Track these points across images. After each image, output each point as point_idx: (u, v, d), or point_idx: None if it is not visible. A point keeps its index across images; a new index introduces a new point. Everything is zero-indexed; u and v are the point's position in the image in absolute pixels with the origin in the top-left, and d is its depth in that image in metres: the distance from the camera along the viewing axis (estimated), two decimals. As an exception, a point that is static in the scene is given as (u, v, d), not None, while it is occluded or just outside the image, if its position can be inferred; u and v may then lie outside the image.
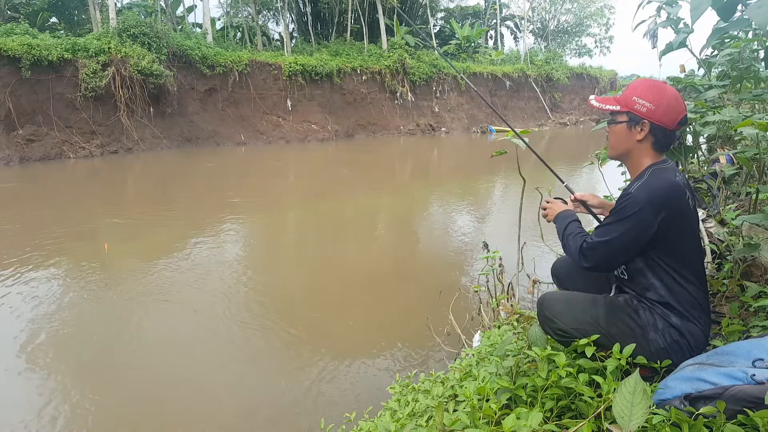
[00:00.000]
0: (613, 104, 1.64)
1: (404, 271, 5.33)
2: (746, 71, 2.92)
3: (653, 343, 1.52)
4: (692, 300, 1.54)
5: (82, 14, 21.62)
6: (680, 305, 1.53)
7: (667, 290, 1.54)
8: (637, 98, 1.58)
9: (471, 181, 11.05)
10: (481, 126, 25.78)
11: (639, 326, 1.55)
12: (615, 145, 1.68)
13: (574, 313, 1.62)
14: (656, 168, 1.58)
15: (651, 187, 1.51)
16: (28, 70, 13.78)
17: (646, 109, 1.57)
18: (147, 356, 3.52)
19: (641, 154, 1.62)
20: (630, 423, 1.09)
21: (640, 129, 1.59)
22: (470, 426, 1.39)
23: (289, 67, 19.89)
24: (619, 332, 1.57)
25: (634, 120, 1.59)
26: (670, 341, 1.51)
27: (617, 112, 1.63)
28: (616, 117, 1.65)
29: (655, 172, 1.56)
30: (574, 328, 1.60)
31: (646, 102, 1.57)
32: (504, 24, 37.69)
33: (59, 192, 10.36)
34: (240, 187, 10.66)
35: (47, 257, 5.53)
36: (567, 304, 1.66)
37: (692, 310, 1.54)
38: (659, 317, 1.54)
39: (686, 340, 1.51)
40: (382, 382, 3.07)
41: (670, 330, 1.52)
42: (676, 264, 1.54)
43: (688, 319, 1.53)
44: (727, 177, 3.25)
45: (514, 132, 2.50)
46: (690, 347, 1.52)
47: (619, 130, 1.64)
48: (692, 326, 1.53)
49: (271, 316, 4.16)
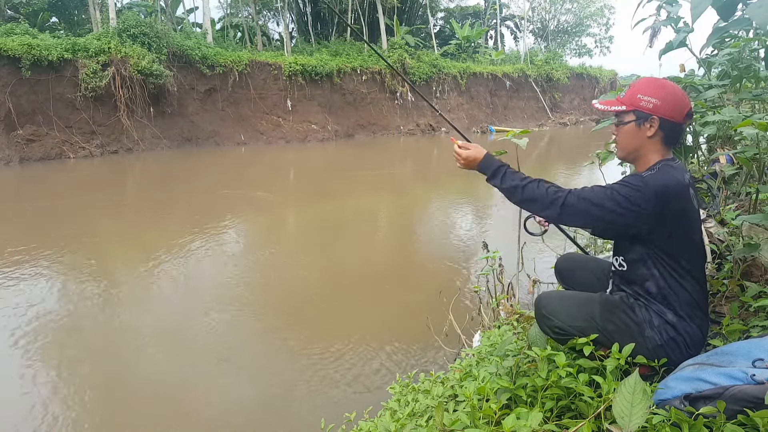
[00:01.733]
0: (617, 105, 1.63)
1: (404, 271, 5.32)
2: (746, 71, 2.92)
3: (650, 340, 1.52)
4: (690, 299, 1.54)
5: (82, 14, 21.61)
6: (677, 303, 1.53)
7: (666, 284, 1.54)
8: (642, 95, 1.58)
9: (471, 181, 11.05)
10: (481, 126, 25.77)
11: (635, 323, 1.55)
12: (624, 145, 1.65)
13: (571, 310, 1.62)
14: (665, 164, 1.57)
15: (661, 180, 1.51)
16: (28, 70, 13.78)
17: (652, 105, 1.57)
18: (143, 356, 3.52)
19: (652, 150, 1.61)
20: (630, 423, 1.09)
21: (650, 125, 1.58)
22: (470, 426, 1.39)
23: (289, 67, 19.89)
24: (615, 329, 1.57)
25: (642, 117, 1.59)
26: (666, 338, 1.51)
27: (623, 112, 1.62)
28: (623, 117, 1.63)
29: (665, 168, 1.55)
30: (570, 326, 1.60)
31: (651, 98, 1.57)
32: (504, 24, 37.70)
33: (59, 191, 10.36)
34: (240, 187, 10.66)
35: (47, 257, 5.53)
36: (563, 302, 1.66)
37: (689, 309, 1.54)
38: (655, 314, 1.54)
39: (682, 337, 1.52)
40: (382, 382, 3.07)
41: (666, 327, 1.52)
42: (675, 262, 1.54)
43: (684, 318, 1.53)
44: (727, 177, 3.25)
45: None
46: (686, 345, 1.52)
47: (628, 130, 1.62)
48: (688, 325, 1.53)
49: (271, 316, 4.16)
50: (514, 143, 2.70)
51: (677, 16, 3.08)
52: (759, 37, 2.91)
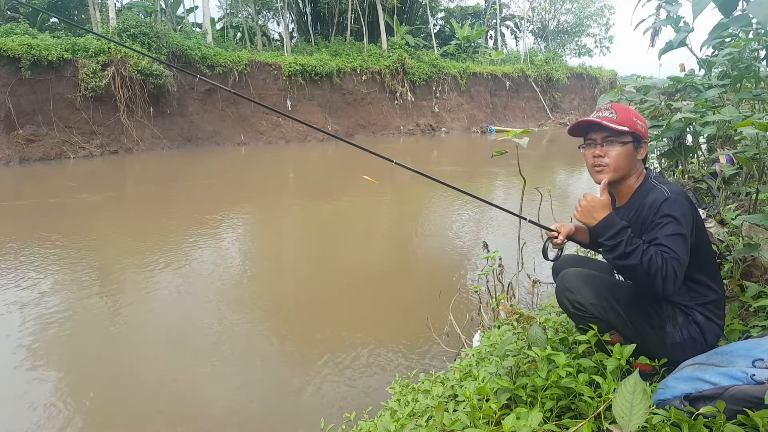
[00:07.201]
0: (618, 125, 1.61)
1: (404, 271, 5.32)
2: (746, 71, 2.92)
3: (669, 336, 1.53)
4: (715, 299, 1.56)
5: (82, 14, 21.63)
6: (703, 305, 1.55)
7: (694, 283, 1.56)
8: (636, 119, 1.63)
9: (471, 181, 11.04)
10: (481, 126, 25.77)
11: (658, 315, 1.56)
12: (622, 165, 1.62)
13: (596, 289, 1.60)
14: (654, 175, 1.64)
15: (679, 190, 1.54)
16: (28, 70, 13.78)
17: (644, 128, 1.65)
18: (143, 356, 3.52)
19: (639, 170, 1.67)
20: (630, 423, 1.09)
21: (643, 148, 1.65)
22: (470, 426, 1.39)
23: (288, 67, 19.90)
24: (637, 316, 1.56)
25: (638, 140, 1.63)
26: (687, 337, 1.52)
27: (627, 132, 1.61)
28: (620, 138, 1.61)
29: (660, 177, 1.63)
30: (592, 304, 1.59)
31: (639, 122, 1.64)
32: (504, 24, 37.70)
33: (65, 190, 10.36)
34: (240, 187, 10.66)
35: (46, 256, 5.53)
36: (588, 279, 1.64)
37: (715, 309, 1.56)
38: (680, 312, 1.55)
39: (704, 338, 1.53)
40: (382, 382, 3.07)
41: (689, 327, 1.53)
42: (702, 261, 1.56)
43: (711, 319, 1.54)
44: (727, 177, 3.25)
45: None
46: (705, 346, 1.53)
47: (627, 151, 1.62)
48: (713, 325, 1.55)
49: (271, 317, 4.16)
50: (514, 143, 2.70)
51: (677, 16, 3.08)
52: (759, 37, 2.91)
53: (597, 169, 1.65)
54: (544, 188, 4.16)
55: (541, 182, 3.09)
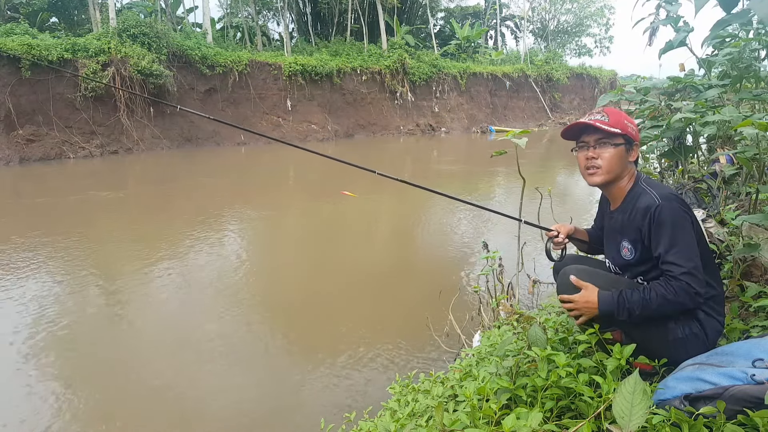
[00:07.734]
0: (610, 127, 1.63)
1: (404, 271, 5.32)
2: (746, 71, 2.92)
3: (671, 333, 1.54)
4: (714, 295, 1.57)
5: (82, 14, 21.62)
6: (707, 299, 1.55)
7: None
8: (627, 122, 1.65)
9: (471, 181, 11.04)
10: (481, 126, 25.76)
11: None
12: (614, 167, 1.65)
13: (597, 283, 1.62)
14: (644, 178, 1.66)
15: (668, 194, 1.56)
16: (28, 70, 13.78)
17: (635, 131, 1.67)
18: (143, 356, 3.52)
19: (630, 173, 1.69)
20: (630, 423, 1.09)
21: (634, 150, 1.68)
22: (470, 426, 1.39)
23: (289, 67, 19.89)
24: None
25: (630, 142, 1.66)
26: (688, 333, 1.53)
27: (619, 134, 1.63)
28: (612, 140, 1.64)
29: (649, 180, 1.64)
30: None
31: (631, 124, 1.66)
32: (504, 24, 37.69)
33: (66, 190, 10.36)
34: (240, 187, 10.66)
35: (47, 256, 5.53)
36: (590, 275, 1.65)
37: (715, 306, 1.57)
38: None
39: (705, 333, 1.54)
40: (382, 382, 3.07)
41: (690, 323, 1.54)
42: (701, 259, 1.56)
43: (711, 315, 1.55)
44: (727, 177, 3.24)
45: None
46: (707, 342, 1.53)
47: (620, 153, 1.65)
48: (714, 321, 1.56)
49: (271, 317, 4.16)
50: (513, 143, 2.70)
51: (677, 15, 3.08)
52: (759, 37, 2.91)
53: (590, 171, 1.67)
54: (544, 188, 4.16)
55: (541, 182, 3.09)
